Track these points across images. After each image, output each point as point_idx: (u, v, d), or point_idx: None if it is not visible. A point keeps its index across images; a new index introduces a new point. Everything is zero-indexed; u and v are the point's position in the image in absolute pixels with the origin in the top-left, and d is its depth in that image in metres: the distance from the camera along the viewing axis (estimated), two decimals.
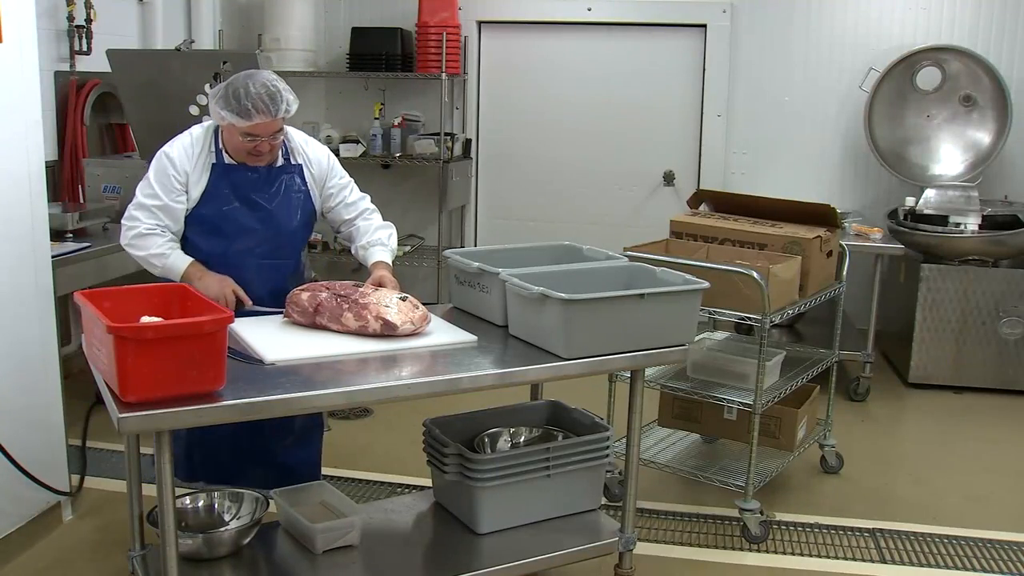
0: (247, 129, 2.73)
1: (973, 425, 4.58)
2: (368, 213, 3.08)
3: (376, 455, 4.00)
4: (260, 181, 2.89)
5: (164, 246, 2.83)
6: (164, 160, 2.82)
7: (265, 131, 2.75)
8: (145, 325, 2.05)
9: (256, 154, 2.82)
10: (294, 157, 2.96)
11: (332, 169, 3.03)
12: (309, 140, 3.04)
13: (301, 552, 2.62)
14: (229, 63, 4.31)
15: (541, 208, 6.24)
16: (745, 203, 3.77)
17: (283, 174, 2.93)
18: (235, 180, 2.86)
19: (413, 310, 2.59)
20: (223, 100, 2.71)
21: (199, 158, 2.84)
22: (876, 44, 5.63)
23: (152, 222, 2.82)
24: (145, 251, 2.82)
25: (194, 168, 2.83)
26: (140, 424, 1.98)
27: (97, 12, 4.91)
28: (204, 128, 2.89)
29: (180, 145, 2.85)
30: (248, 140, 2.76)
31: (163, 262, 2.82)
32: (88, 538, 3.21)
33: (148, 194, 2.83)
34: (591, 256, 3.05)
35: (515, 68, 6.15)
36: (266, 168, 2.89)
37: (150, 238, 2.82)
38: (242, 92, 2.68)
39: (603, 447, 2.84)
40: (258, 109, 2.69)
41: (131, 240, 2.84)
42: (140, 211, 2.83)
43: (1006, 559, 3.24)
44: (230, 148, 2.84)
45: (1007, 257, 4.94)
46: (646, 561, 3.09)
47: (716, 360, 3.48)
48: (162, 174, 2.82)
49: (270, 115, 2.71)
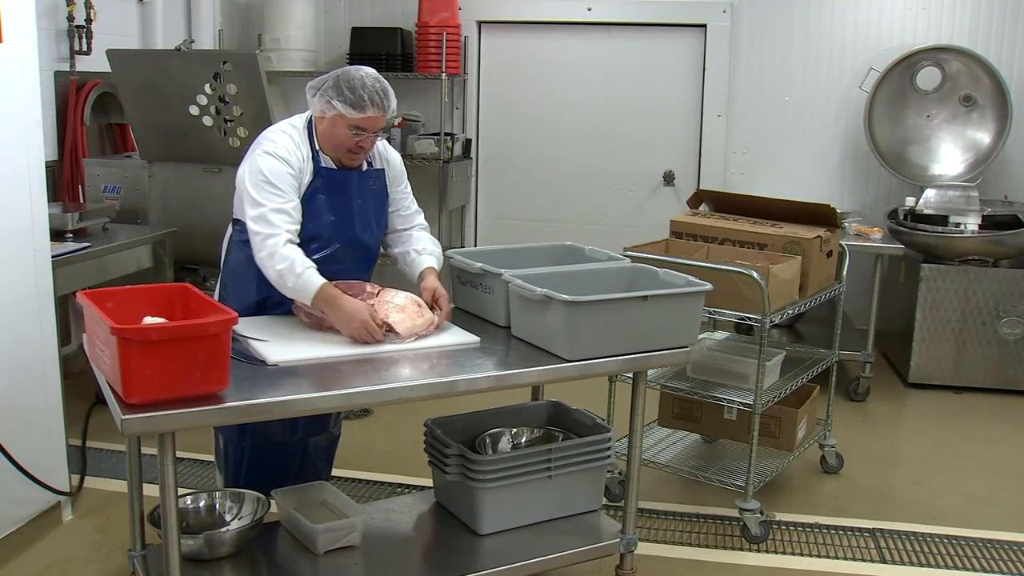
0: (358, 122, 2.63)
1: (973, 425, 4.58)
2: (421, 227, 3.00)
3: (377, 455, 4.00)
4: (357, 185, 2.80)
5: (306, 261, 2.57)
6: (274, 161, 2.62)
7: (373, 126, 2.66)
8: (149, 327, 2.05)
9: (358, 150, 2.71)
10: (377, 160, 2.89)
11: (402, 175, 2.96)
12: (385, 143, 2.96)
13: (302, 552, 2.62)
14: (229, 63, 4.31)
15: (541, 208, 6.24)
16: (745, 203, 3.77)
17: (373, 178, 2.85)
18: (338, 184, 2.75)
19: (418, 316, 2.59)
20: (334, 90, 2.61)
21: (305, 161, 2.69)
22: (876, 44, 5.63)
23: (293, 228, 2.59)
24: (286, 263, 2.53)
25: (301, 169, 2.68)
26: (143, 426, 1.98)
27: (97, 12, 4.90)
28: (299, 126, 2.74)
29: (285, 145, 2.66)
30: (354, 134, 2.65)
31: (297, 282, 2.54)
32: (88, 538, 3.21)
33: (277, 196, 2.59)
34: (593, 257, 3.04)
35: (515, 68, 6.15)
36: (359, 172, 2.81)
37: (292, 248, 2.57)
38: (357, 83, 2.61)
39: (604, 448, 2.84)
40: (373, 102, 2.61)
41: (280, 250, 2.54)
42: (277, 215, 2.57)
43: (1006, 559, 3.25)
44: (331, 144, 2.71)
45: (1007, 257, 4.95)
46: (646, 561, 3.09)
47: (716, 360, 3.48)
48: (280, 176, 2.61)
49: (382, 110, 2.64)
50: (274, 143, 2.66)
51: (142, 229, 4.46)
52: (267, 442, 2.93)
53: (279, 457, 3.00)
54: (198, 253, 4.50)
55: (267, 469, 2.96)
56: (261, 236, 2.56)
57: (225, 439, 2.97)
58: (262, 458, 2.96)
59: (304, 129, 2.74)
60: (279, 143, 2.66)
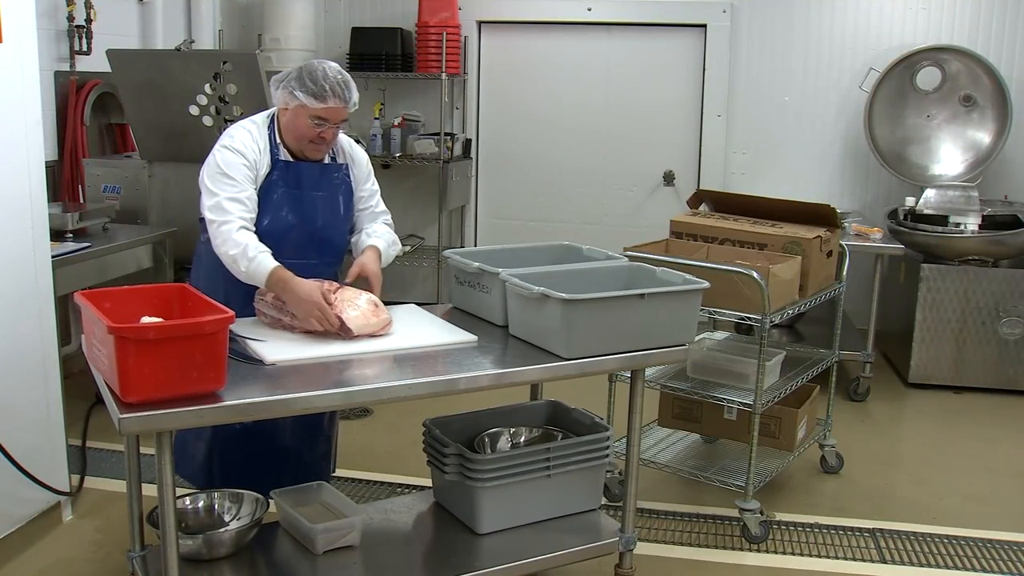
0: (319, 112, 2.68)
1: (973, 425, 4.58)
2: (385, 223, 3.03)
3: (376, 455, 4.00)
4: (316, 177, 2.83)
5: (260, 246, 2.62)
6: (229, 154, 2.69)
7: (335, 117, 2.71)
8: (146, 326, 2.05)
9: (319, 141, 2.75)
10: (341, 156, 2.93)
11: (369, 174, 3.00)
12: (351, 141, 3.00)
13: (301, 553, 2.62)
14: (229, 63, 4.31)
15: (541, 208, 6.24)
16: (745, 203, 3.77)
17: (334, 172, 2.89)
18: (294, 175, 2.79)
19: (372, 316, 2.58)
20: (296, 81, 2.66)
21: (262, 153, 2.74)
22: (876, 44, 5.63)
23: (247, 216, 2.65)
24: (239, 248, 2.58)
25: (257, 161, 2.73)
26: (141, 425, 1.98)
27: (97, 12, 4.90)
28: (259, 121, 2.80)
29: (241, 139, 2.72)
30: (316, 124, 2.70)
31: (249, 266, 2.59)
32: (88, 538, 3.21)
33: (231, 186, 2.65)
34: (591, 256, 3.04)
35: (515, 68, 6.15)
36: (320, 165, 2.84)
37: (246, 233, 2.63)
38: (319, 75, 2.66)
39: (603, 447, 2.84)
40: (335, 92, 2.66)
41: (233, 236, 2.59)
42: (231, 204, 2.63)
43: (1006, 559, 3.24)
44: (293, 135, 2.75)
45: (1007, 257, 4.94)
46: (646, 561, 3.09)
47: (716, 360, 3.48)
48: (234, 167, 2.67)
49: (344, 101, 2.69)
50: (232, 137, 2.74)
51: (142, 229, 4.47)
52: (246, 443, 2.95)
53: (263, 458, 3.00)
54: None
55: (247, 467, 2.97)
56: (216, 224, 2.63)
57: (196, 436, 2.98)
58: (246, 462, 2.97)
59: (264, 123, 2.80)
60: (236, 137, 2.74)
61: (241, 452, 2.96)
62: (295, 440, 3.04)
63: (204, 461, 2.98)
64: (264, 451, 2.99)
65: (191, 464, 2.99)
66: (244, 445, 2.94)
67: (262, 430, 2.89)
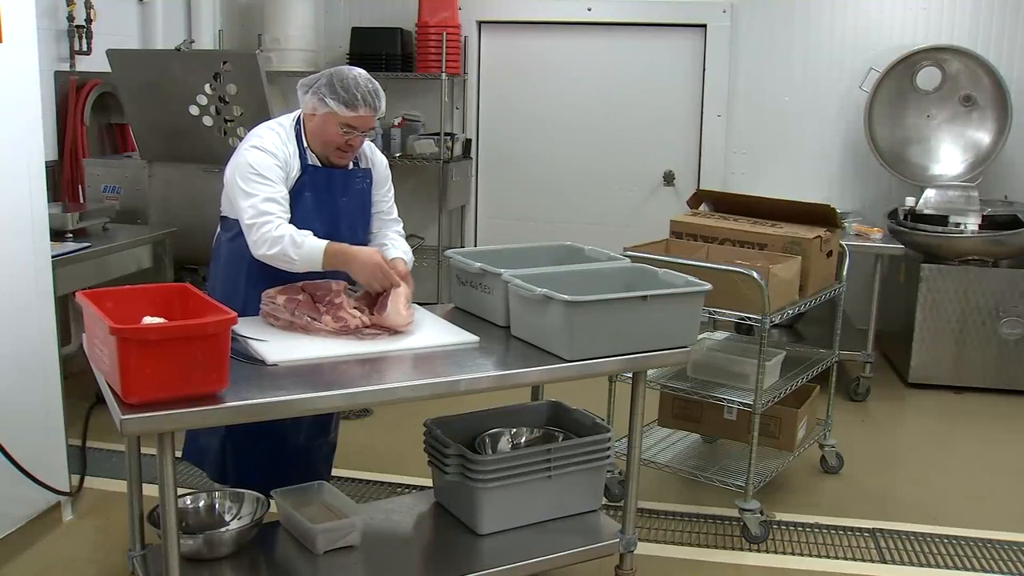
0: (349, 120, 2.67)
1: (973, 425, 4.58)
2: (396, 232, 3.04)
3: (376, 455, 4.00)
4: (343, 183, 2.83)
5: (302, 232, 2.62)
6: (261, 154, 2.67)
7: (363, 125, 2.71)
8: (148, 326, 2.05)
9: (347, 148, 2.75)
10: (364, 161, 2.92)
11: (387, 179, 3.01)
12: (372, 146, 2.99)
13: (302, 552, 2.62)
14: (229, 63, 4.31)
15: (541, 208, 6.23)
16: (745, 203, 3.77)
17: (358, 177, 2.89)
18: (324, 181, 2.79)
19: (404, 310, 2.61)
20: (327, 87, 2.66)
21: (292, 157, 2.74)
22: (876, 44, 5.62)
23: (284, 216, 2.64)
24: (284, 242, 2.58)
25: (288, 163, 2.72)
26: (142, 425, 1.98)
27: (97, 12, 4.90)
28: (287, 124, 2.79)
29: (271, 140, 2.71)
30: (345, 132, 2.70)
31: (300, 252, 2.59)
32: (88, 538, 3.21)
33: (267, 186, 2.64)
34: (593, 257, 3.04)
35: (515, 68, 6.15)
36: (344, 171, 2.84)
37: (286, 226, 2.62)
38: (351, 83, 2.66)
39: (604, 448, 2.84)
40: (366, 101, 2.67)
41: (273, 234, 2.58)
42: (269, 204, 2.61)
43: (1006, 559, 3.25)
44: (320, 141, 2.75)
45: (1007, 257, 4.95)
46: (646, 561, 3.09)
47: (716, 360, 3.48)
48: (268, 168, 2.66)
49: (374, 110, 2.70)
50: (261, 138, 2.72)
51: (142, 229, 4.46)
52: (258, 443, 2.94)
53: (273, 457, 3.00)
54: (198, 253, 4.48)
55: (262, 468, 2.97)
56: (255, 225, 2.61)
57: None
58: (258, 458, 2.96)
59: (292, 126, 2.78)
60: (266, 138, 2.72)
61: (254, 449, 2.96)
62: (307, 439, 3.05)
63: (218, 454, 2.98)
64: (276, 448, 2.98)
65: (206, 455, 3.01)
66: (256, 442, 2.94)
67: (275, 427, 2.89)
